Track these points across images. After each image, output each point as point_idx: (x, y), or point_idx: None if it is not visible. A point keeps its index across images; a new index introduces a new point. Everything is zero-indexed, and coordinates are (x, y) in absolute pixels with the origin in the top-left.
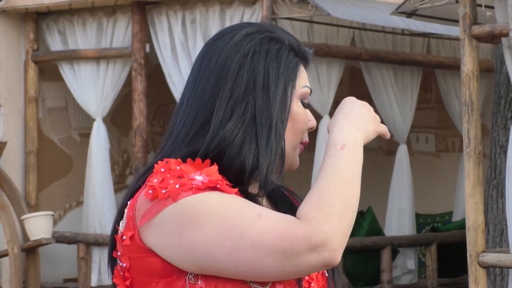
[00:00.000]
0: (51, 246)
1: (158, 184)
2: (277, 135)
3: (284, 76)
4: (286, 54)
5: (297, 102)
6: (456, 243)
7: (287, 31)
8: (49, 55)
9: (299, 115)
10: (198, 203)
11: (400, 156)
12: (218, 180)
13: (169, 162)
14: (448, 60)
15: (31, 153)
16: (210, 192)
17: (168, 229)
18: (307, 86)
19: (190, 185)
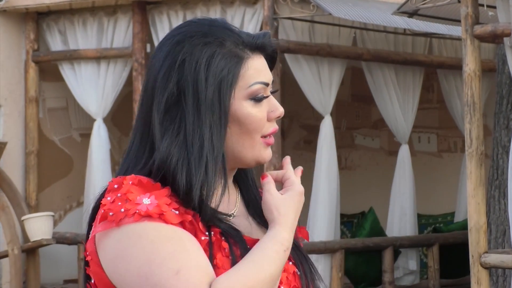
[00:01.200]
0: (52, 247)
1: (109, 204)
2: (212, 150)
3: (216, 83)
4: (220, 58)
5: (245, 103)
6: (458, 244)
7: (232, 27)
8: (50, 55)
9: (249, 116)
10: (133, 236)
11: (402, 157)
12: (166, 204)
13: (123, 179)
14: (450, 60)
15: (32, 154)
16: (150, 222)
17: (108, 254)
18: (259, 82)
19: (134, 210)
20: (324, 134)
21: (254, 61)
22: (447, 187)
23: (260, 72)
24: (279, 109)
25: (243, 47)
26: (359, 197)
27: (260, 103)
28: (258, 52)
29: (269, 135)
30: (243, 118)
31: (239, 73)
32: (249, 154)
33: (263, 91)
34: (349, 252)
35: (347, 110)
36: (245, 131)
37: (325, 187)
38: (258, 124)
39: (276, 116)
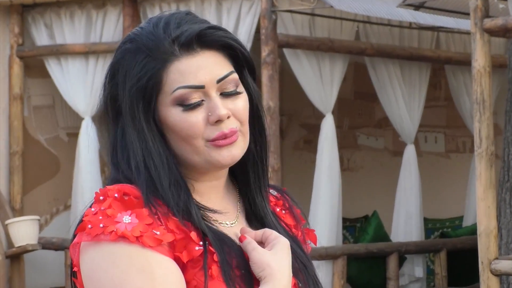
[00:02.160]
0: (37, 253)
1: (91, 216)
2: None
3: (132, 91)
4: (141, 67)
5: (173, 110)
6: (467, 250)
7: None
8: (35, 50)
9: (177, 123)
10: (107, 259)
11: (407, 157)
12: (146, 224)
13: (107, 190)
14: (458, 56)
15: (16, 154)
16: (126, 245)
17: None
18: (182, 86)
19: (112, 228)
20: (325, 134)
21: (180, 63)
22: (455, 190)
23: (186, 75)
24: (217, 111)
25: (169, 49)
26: (362, 200)
27: (193, 108)
28: (193, 51)
29: (215, 139)
30: (172, 126)
31: (161, 79)
32: (197, 159)
33: (196, 95)
34: (352, 259)
35: (349, 108)
36: (181, 138)
37: (326, 190)
38: (191, 131)
39: (213, 120)
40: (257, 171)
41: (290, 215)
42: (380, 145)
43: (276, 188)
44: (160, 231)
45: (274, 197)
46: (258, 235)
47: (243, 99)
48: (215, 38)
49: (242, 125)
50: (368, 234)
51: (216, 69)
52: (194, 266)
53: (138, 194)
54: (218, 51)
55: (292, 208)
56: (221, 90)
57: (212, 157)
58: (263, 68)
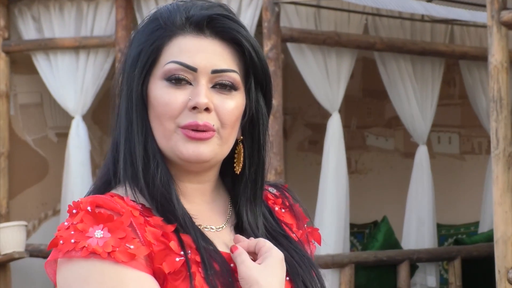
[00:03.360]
0: (24, 260)
1: (63, 231)
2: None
3: (136, 57)
4: (147, 33)
5: (159, 82)
6: (482, 258)
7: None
8: (22, 44)
9: (157, 96)
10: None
11: (419, 159)
12: (119, 238)
13: (80, 203)
14: (474, 50)
15: (2, 156)
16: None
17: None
18: (174, 61)
19: (83, 243)
20: (331, 134)
21: (184, 40)
22: (470, 194)
23: (183, 52)
24: (197, 99)
25: (179, 25)
26: (371, 205)
27: (178, 86)
28: (202, 34)
29: (186, 127)
30: (153, 99)
31: (162, 49)
32: (165, 144)
33: (185, 75)
34: (360, 267)
35: (357, 107)
36: (156, 115)
37: (332, 193)
38: (168, 108)
39: (191, 105)
40: (247, 194)
41: (290, 214)
42: (390, 146)
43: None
44: (134, 245)
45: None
46: (251, 245)
47: (235, 102)
48: (225, 27)
49: (222, 128)
50: (377, 241)
51: (216, 59)
52: (175, 278)
53: (112, 206)
54: (229, 45)
55: (293, 207)
56: (213, 83)
57: (177, 146)
58: None
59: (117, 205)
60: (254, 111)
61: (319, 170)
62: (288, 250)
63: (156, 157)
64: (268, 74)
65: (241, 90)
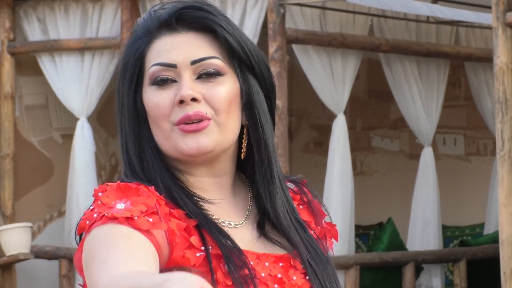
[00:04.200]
0: (29, 262)
1: (89, 212)
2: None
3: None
4: (130, 45)
5: (148, 89)
6: (488, 259)
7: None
8: (27, 46)
9: (147, 102)
10: (95, 241)
11: (424, 160)
12: (140, 211)
13: (108, 186)
14: (479, 52)
15: (7, 157)
16: (114, 224)
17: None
18: (154, 63)
19: (104, 212)
20: (336, 135)
21: (160, 42)
22: (475, 195)
23: (161, 53)
24: (180, 92)
25: (154, 30)
26: (376, 206)
27: (164, 87)
28: (175, 31)
29: (180, 122)
30: (146, 105)
31: (144, 57)
32: (166, 145)
33: (167, 74)
34: (365, 268)
35: (362, 108)
36: (152, 120)
37: (337, 195)
38: (158, 111)
39: (177, 100)
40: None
41: (308, 211)
42: (396, 147)
43: (294, 181)
44: (154, 219)
45: (291, 190)
46: None
47: (224, 87)
48: (193, 17)
49: (217, 114)
50: (382, 242)
51: (193, 50)
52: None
53: (139, 188)
54: (204, 34)
55: (311, 203)
56: (197, 74)
57: (177, 143)
58: (271, 66)
59: (144, 191)
60: (248, 92)
61: (324, 171)
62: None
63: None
64: (253, 52)
65: (229, 74)
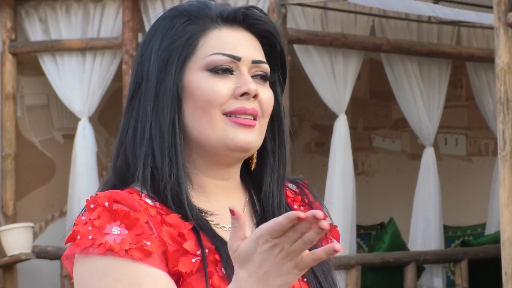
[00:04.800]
0: (31, 262)
1: (80, 225)
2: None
3: (168, 50)
4: (178, 28)
5: (200, 73)
6: (489, 259)
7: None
8: (29, 46)
9: (201, 86)
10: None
11: (426, 161)
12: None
13: (97, 198)
14: (480, 52)
15: (8, 157)
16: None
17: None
18: (218, 53)
19: (101, 240)
20: (338, 135)
21: (221, 32)
22: (477, 195)
23: (225, 44)
24: (248, 85)
25: (211, 19)
26: (377, 207)
27: (222, 76)
28: (236, 27)
29: (234, 113)
30: (194, 90)
31: (197, 43)
32: (211, 134)
33: (229, 65)
34: (367, 268)
35: (364, 108)
36: (199, 106)
37: (339, 195)
38: (212, 96)
39: (241, 91)
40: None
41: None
42: (397, 147)
43: (295, 182)
44: (151, 241)
45: (292, 192)
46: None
47: (270, 92)
48: (259, 19)
49: (262, 117)
50: (384, 242)
51: (254, 50)
52: (192, 278)
53: (130, 202)
54: (258, 38)
55: (312, 205)
56: (252, 73)
57: (226, 134)
58: None
59: (134, 202)
60: (278, 104)
61: (326, 171)
62: None
63: (177, 153)
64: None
65: (268, 83)
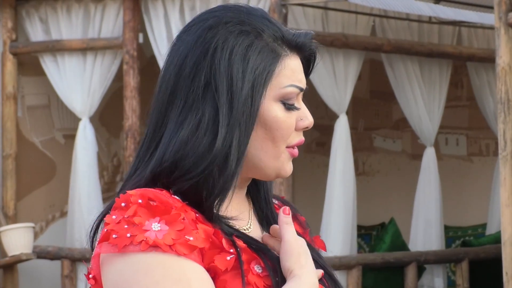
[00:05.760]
0: (32, 262)
1: (114, 224)
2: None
3: (251, 77)
4: (259, 50)
5: (275, 105)
6: (490, 260)
7: (271, 19)
8: (30, 46)
9: (278, 120)
10: (139, 270)
11: (427, 161)
12: (178, 231)
13: (129, 196)
14: (481, 52)
15: (9, 157)
16: (159, 254)
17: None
18: (294, 85)
19: (141, 237)
20: (339, 136)
21: (291, 61)
22: (478, 196)
23: (296, 75)
24: (309, 118)
25: (281, 43)
26: (378, 207)
27: (291, 109)
28: (296, 52)
29: (294, 146)
30: (270, 122)
31: (275, 70)
32: (271, 164)
33: (295, 97)
34: (368, 269)
35: (365, 109)
36: (270, 137)
37: (340, 195)
38: (286, 131)
39: (304, 126)
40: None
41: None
42: (398, 147)
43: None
44: (193, 236)
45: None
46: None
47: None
48: (312, 48)
49: None
50: (384, 242)
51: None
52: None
53: (164, 199)
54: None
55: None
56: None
57: (283, 166)
58: None
59: (169, 199)
60: None
61: (327, 172)
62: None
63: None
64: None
65: None
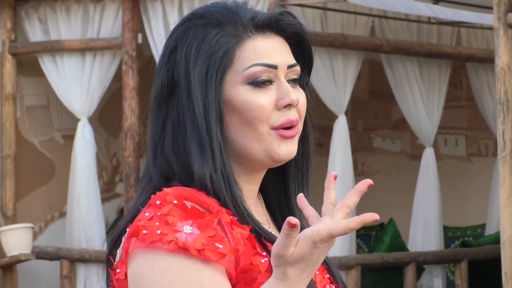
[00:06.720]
0: (31, 262)
1: (145, 221)
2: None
3: (205, 67)
4: (212, 39)
5: (242, 88)
6: (489, 260)
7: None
8: (29, 46)
9: (245, 102)
10: (157, 267)
11: (426, 161)
12: (209, 237)
13: (165, 195)
14: (480, 52)
15: (8, 158)
16: (183, 258)
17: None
18: (257, 63)
19: (171, 237)
20: (338, 136)
21: (255, 42)
22: (477, 196)
23: (261, 54)
24: (290, 95)
25: (243, 28)
26: (377, 207)
27: (263, 88)
28: (268, 33)
29: (281, 127)
30: (238, 105)
31: (234, 55)
32: (256, 148)
33: (267, 75)
34: (367, 269)
35: (364, 109)
36: (246, 121)
37: (338, 196)
38: (259, 112)
39: (285, 103)
40: (299, 181)
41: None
42: (397, 148)
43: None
44: (223, 244)
45: None
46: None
47: (303, 95)
48: (289, 23)
49: (299, 122)
50: (383, 243)
51: (287, 55)
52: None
53: (202, 200)
54: (288, 41)
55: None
56: (287, 78)
57: (272, 148)
58: None
59: (206, 199)
60: (308, 97)
61: (325, 172)
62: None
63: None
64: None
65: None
